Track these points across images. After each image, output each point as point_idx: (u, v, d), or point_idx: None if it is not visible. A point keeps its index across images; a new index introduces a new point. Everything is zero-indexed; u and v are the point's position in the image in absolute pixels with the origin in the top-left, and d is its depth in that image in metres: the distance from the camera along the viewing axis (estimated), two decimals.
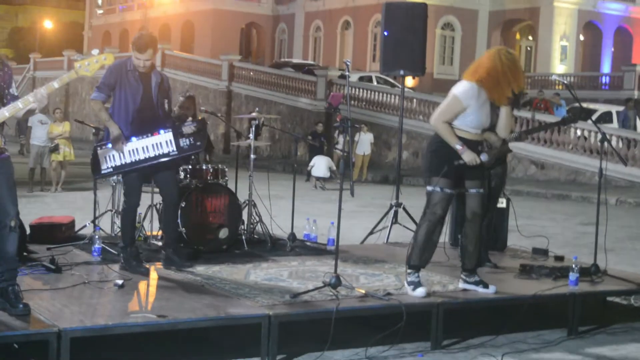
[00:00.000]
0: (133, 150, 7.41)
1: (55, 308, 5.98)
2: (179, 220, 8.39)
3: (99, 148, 7.48)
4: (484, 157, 7.02)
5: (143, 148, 7.43)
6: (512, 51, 7.01)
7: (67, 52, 51.20)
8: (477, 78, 6.90)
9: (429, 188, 7.03)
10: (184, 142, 7.52)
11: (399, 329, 6.38)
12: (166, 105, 7.69)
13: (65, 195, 17.89)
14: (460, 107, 6.90)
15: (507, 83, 6.87)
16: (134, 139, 7.42)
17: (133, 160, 7.42)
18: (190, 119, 8.65)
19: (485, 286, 7.22)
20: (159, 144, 7.46)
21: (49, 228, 8.86)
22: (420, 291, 6.93)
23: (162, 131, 7.49)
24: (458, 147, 6.90)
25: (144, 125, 7.48)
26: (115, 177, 9.53)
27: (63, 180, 18.96)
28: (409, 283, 7.03)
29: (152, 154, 7.44)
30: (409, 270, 7.08)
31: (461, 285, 7.31)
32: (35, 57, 55.81)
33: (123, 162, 7.43)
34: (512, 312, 7.20)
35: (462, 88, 6.95)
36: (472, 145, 7.01)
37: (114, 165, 7.45)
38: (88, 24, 74.32)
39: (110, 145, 7.41)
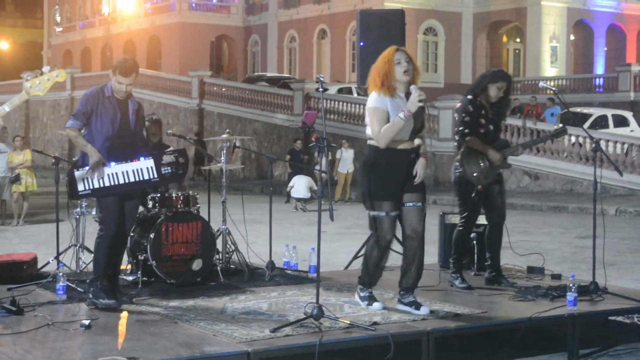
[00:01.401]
0: (112, 174, 7.49)
1: (17, 354, 5.92)
2: (147, 254, 8.43)
3: (75, 170, 7.51)
4: (413, 90, 7.16)
5: (123, 173, 7.52)
6: (393, 48, 7.45)
7: (26, 74, 51.01)
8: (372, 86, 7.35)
9: (374, 213, 7.21)
10: (166, 169, 7.67)
11: None
12: (144, 133, 7.88)
13: (28, 229, 17.81)
14: (383, 112, 7.16)
15: (375, 75, 7.30)
16: (113, 163, 7.50)
17: (112, 184, 7.51)
18: (171, 148, 8.71)
19: (418, 307, 7.29)
20: (139, 169, 7.58)
21: (9, 267, 8.79)
22: (377, 306, 7.33)
23: (142, 158, 7.63)
24: (401, 115, 7.05)
25: (122, 153, 7.59)
26: (79, 209, 9.55)
27: (25, 212, 18.89)
28: (362, 299, 7.46)
29: (132, 179, 7.57)
30: (360, 286, 7.52)
31: (397, 305, 7.44)
32: None
33: (101, 185, 7.49)
34: (508, 337, 7.19)
35: (370, 99, 7.27)
36: (404, 154, 7.21)
37: (91, 188, 7.49)
38: (47, 43, 74.29)
39: (87, 168, 7.45)
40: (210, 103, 37.12)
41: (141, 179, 7.58)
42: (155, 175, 7.63)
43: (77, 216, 9.57)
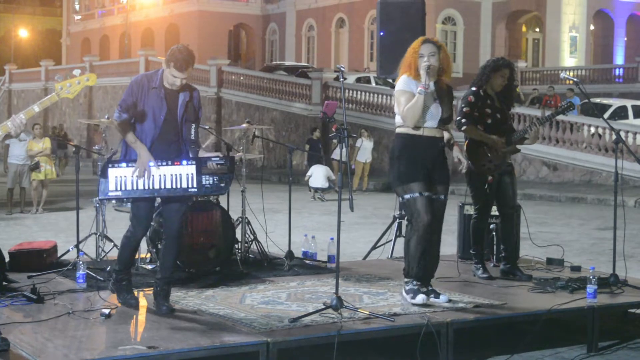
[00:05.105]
0: (149, 177, 6.87)
1: (38, 342, 5.95)
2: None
3: (110, 165, 6.88)
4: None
5: (160, 177, 6.84)
6: (420, 40, 7.42)
7: (45, 62, 51.11)
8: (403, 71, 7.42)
9: (406, 197, 7.17)
10: (207, 180, 6.92)
11: (406, 353, 6.35)
12: (192, 130, 7.00)
13: (47, 217, 17.88)
14: (409, 94, 7.19)
15: (404, 61, 7.40)
16: (151, 163, 6.84)
17: (145, 189, 6.85)
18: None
19: (437, 296, 7.26)
20: (179, 175, 6.87)
21: (29, 254, 8.80)
22: (420, 298, 7.10)
23: (184, 162, 6.89)
24: (419, 90, 7.11)
25: (164, 150, 6.92)
26: (97, 199, 9.51)
27: (44, 200, 18.94)
28: (407, 292, 7.22)
29: (168, 186, 6.85)
30: (406, 280, 7.28)
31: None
32: (10, 69, 55.78)
33: (135, 188, 6.87)
34: (527, 329, 7.18)
35: (398, 82, 7.36)
36: (431, 141, 7.23)
37: (124, 189, 6.85)
38: (66, 31, 74.39)
39: (124, 165, 6.88)
40: (228, 92, 37.11)
41: (178, 186, 6.85)
42: (194, 185, 6.87)
43: (97, 205, 9.58)
